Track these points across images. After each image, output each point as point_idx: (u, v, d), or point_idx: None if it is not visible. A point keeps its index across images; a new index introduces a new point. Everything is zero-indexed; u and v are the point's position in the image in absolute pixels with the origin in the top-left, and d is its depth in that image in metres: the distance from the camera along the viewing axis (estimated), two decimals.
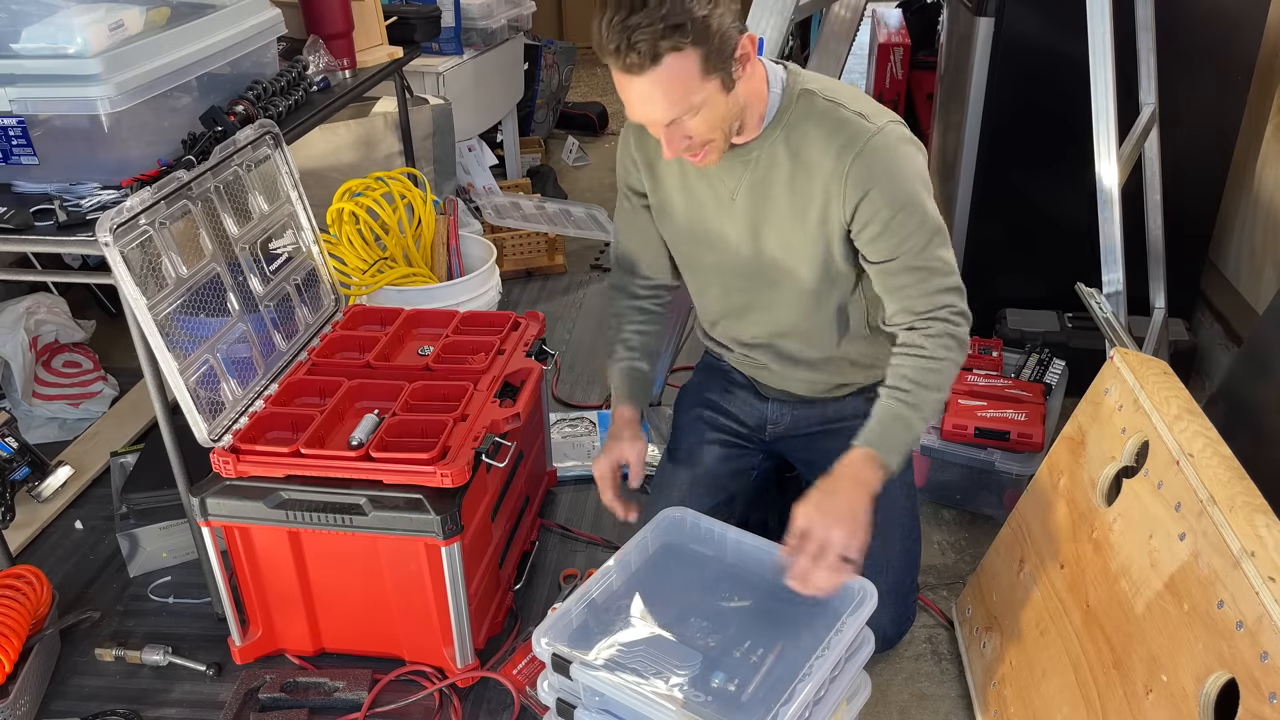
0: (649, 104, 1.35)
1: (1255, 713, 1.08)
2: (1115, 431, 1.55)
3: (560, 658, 1.31)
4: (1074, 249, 2.22)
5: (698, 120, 1.37)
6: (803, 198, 1.49)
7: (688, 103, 1.34)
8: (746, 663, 1.34)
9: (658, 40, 1.27)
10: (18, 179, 1.82)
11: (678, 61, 1.30)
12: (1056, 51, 2.38)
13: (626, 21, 1.27)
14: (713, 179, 1.55)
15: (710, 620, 1.41)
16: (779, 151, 1.49)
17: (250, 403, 1.80)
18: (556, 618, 1.37)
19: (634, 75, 1.31)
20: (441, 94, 3.37)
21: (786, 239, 1.54)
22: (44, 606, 1.81)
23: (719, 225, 1.59)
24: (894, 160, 1.45)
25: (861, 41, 4.86)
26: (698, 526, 1.56)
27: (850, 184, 1.44)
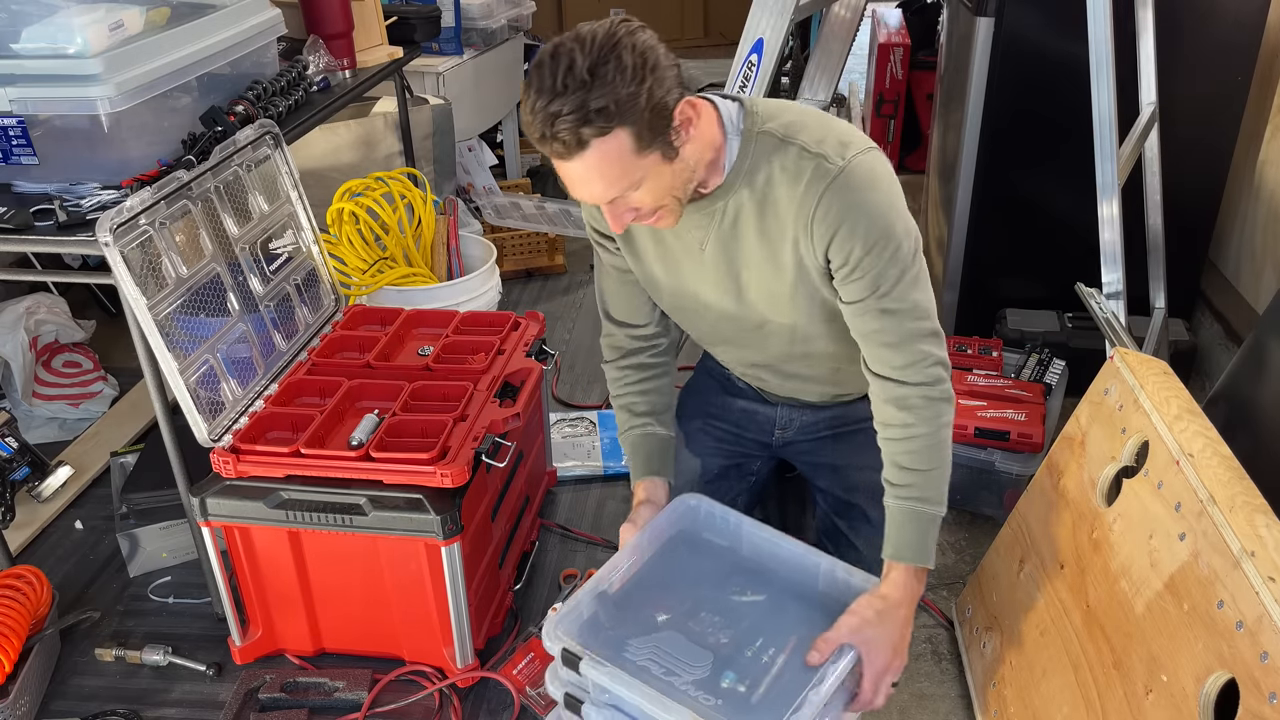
0: (585, 186, 1.29)
1: (1255, 713, 1.08)
2: (1115, 431, 1.55)
3: (570, 653, 1.30)
4: (1074, 249, 2.22)
5: (641, 193, 1.30)
6: (774, 244, 1.42)
7: (626, 181, 1.27)
8: (758, 663, 1.32)
9: (579, 128, 1.20)
10: (18, 179, 1.82)
11: (606, 144, 1.22)
12: (1056, 51, 2.38)
13: (548, 109, 1.20)
14: (681, 232, 1.47)
15: (722, 615, 1.39)
16: (744, 199, 1.41)
17: (250, 403, 1.80)
18: (567, 609, 1.35)
19: (564, 160, 1.25)
20: (441, 94, 3.37)
21: (766, 285, 1.47)
22: (44, 606, 1.81)
23: (694, 275, 1.51)
24: (861, 197, 1.35)
25: (861, 41, 4.85)
26: (713, 515, 1.53)
27: (817, 225, 1.36)
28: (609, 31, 1.22)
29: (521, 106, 1.25)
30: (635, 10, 6.55)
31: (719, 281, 1.50)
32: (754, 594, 1.44)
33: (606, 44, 1.20)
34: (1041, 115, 2.46)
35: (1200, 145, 2.45)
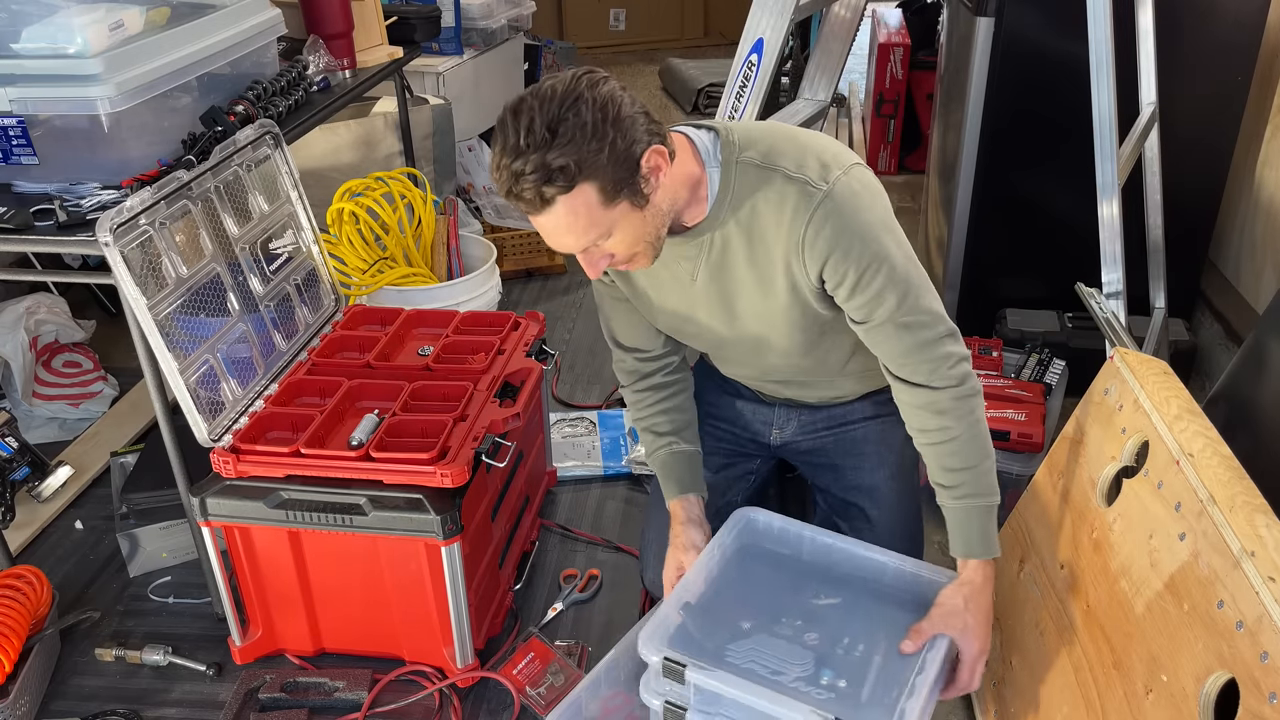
0: (556, 238, 1.29)
1: (1255, 713, 1.08)
2: (1115, 431, 1.55)
3: (673, 662, 1.29)
4: (1074, 249, 2.22)
5: (613, 241, 1.30)
6: (765, 271, 1.42)
7: (595, 232, 1.27)
8: (851, 659, 1.34)
9: (541, 186, 1.21)
10: (18, 179, 1.82)
11: (572, 199, 1.23)
12: (1056, 51, 2.38)
13: (510, 167, 1.20)
14: (670, 264, 1.47)
15: (804, 619, 1.41)
16: (730, 230, 1.41)
17: (250, 403, 1.80)
18: (656, 621, 1.35)
19: (533, 215, 1.26)
20: (441, 94, 3.37)
21: (760, 310, 1.47)
22: (44, 606, 1.81)
23: (689, 306, 1.52)
24: (849, 218, 1.34)
25: (861, 41, 4.85)
26: (771, 526, 1.56)
27: (809, 251, 1.36)
28: (569, 87, 1.22)
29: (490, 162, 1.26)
30: (635, 10, 6.55)
31: (712, 309, 1.51)
32: (829, 597, 1.46)
33: (566, 99, 1.21)
34: (1041, 115, 2.46)
35: (1200, 145, 2.45)
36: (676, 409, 1.67)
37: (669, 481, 1.63)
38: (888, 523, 1.62)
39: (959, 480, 1.43)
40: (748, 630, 1.39)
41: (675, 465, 1.64)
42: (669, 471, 1.63)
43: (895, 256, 1.36)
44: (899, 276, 1.36)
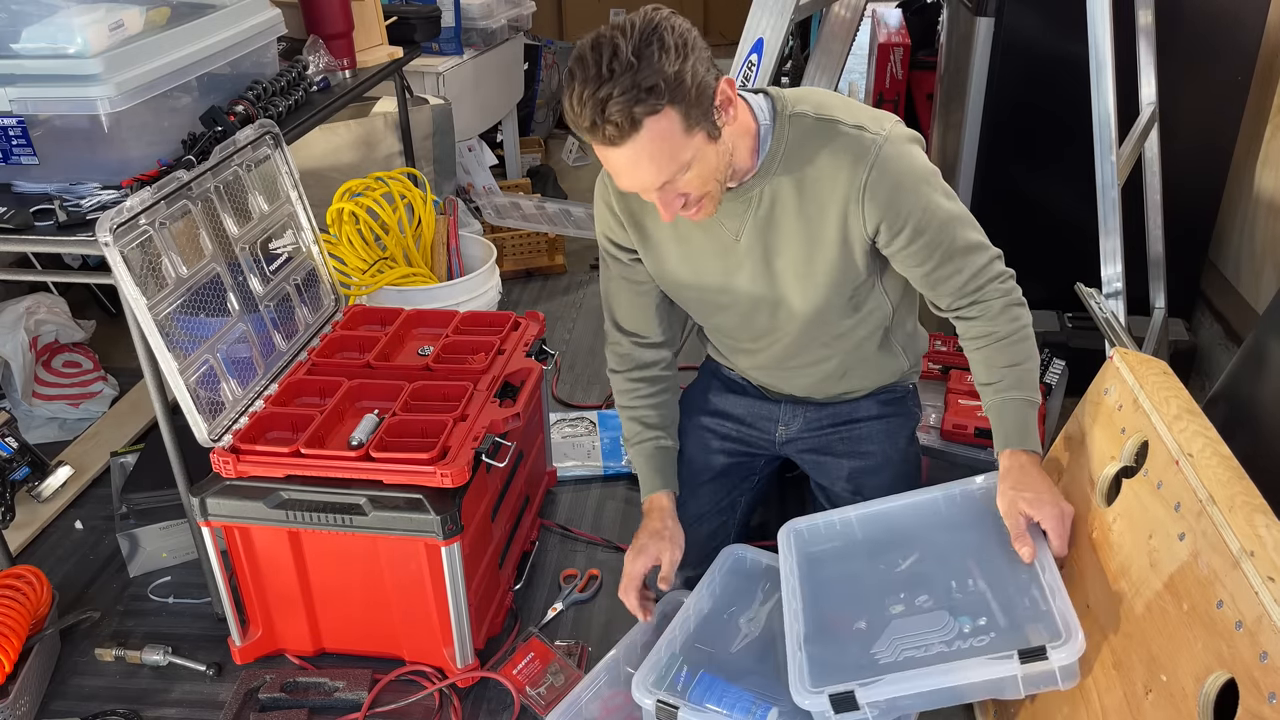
0: (636, 171, 1.30)
1: (1255, 713, 1.08)
2: (1115, 431, 1.55)
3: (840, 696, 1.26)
4: (1074, 249, 2.22)
5: (690, 176, 1.32)
6: (817, 223, 1.45)
7: (677, 163, 1.29)
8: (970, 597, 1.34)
9: (632, 107, 1.22)
10: (18, 179, 1.82)
11: (658, 124, 1.25)
12: (1056, 51, 2.38)
13: (597, 94, 1.22)
14: (711, 225, 1.49)
15: (905, 590, 1.41)
16: (782, 184, 1.44)
17: (250, 403, 1.80)
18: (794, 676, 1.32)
19: (615, 146, 1.27)
20: (441, 94, 3.37)
21: (802, 268, 1.50)
22: (44, 606, 1.81)
23: (724, 271, 1.54)
24: (906, 166, 1.42)
25: (861, 41, 4.84)
26: (816, 527, 1.57)
27: (869, 200, 1.41)
28: (647, 19, 1.26)
29: (566, 102, 1.26)
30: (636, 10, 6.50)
31: (752, 272, 1.53)
32: (907, 558, 1.47)
33: (647, 28, 1.25)
34: (1041, 115, 2.45)
35: (1200, 145, 2.45)
36: (665, 405, 1.69)
37: (653, 474, 1.65)
38: None
39: (1000, 375, 1.49)
40: (868, 629, 1.37)
41: (660, 460, 1.66)
42: (654, 464, 1.66)
43: (944, 199, 1.46)
44: (953, 216, 1.46)
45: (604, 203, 1.59)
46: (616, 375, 1.71)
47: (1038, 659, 1.22)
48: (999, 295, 1.51)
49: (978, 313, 1.51)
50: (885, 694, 1.25)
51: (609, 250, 1.63)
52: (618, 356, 1.70)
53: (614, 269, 1.63)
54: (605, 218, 1.59)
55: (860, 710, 1.26)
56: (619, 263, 1.62)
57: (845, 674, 1.29)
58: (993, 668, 1.23)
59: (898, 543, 1.49)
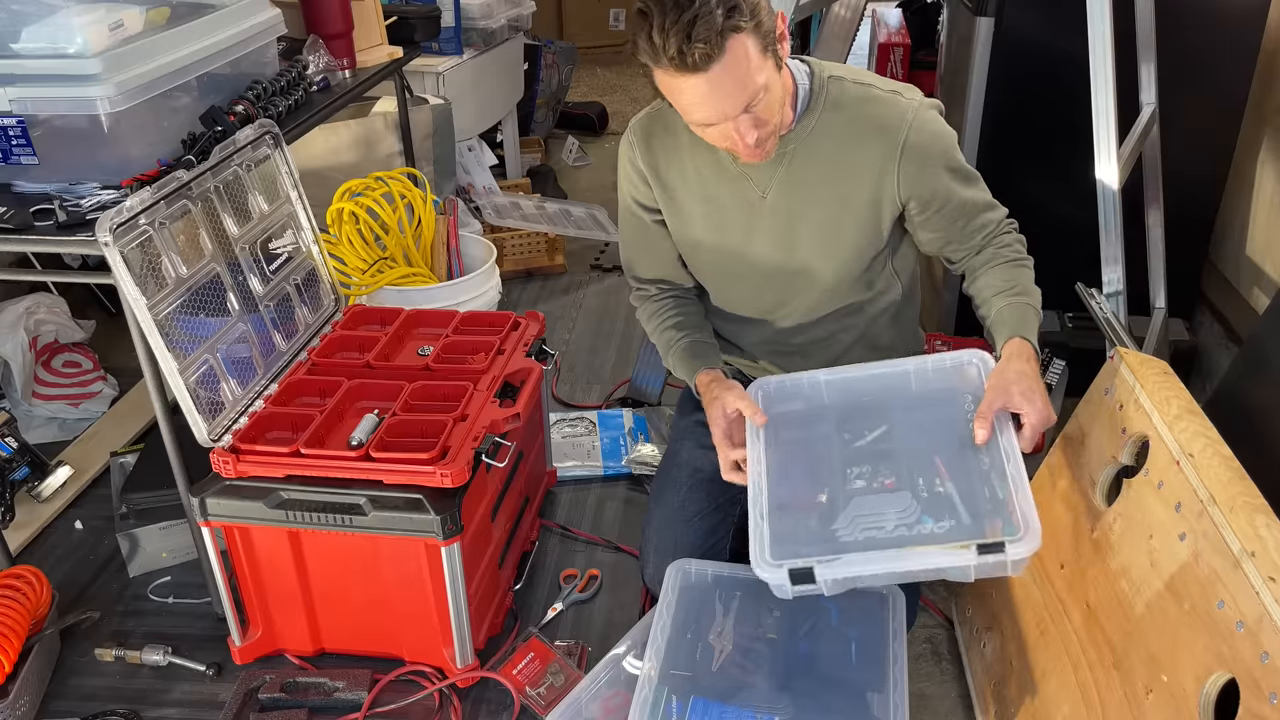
0: (720, 96, 1.32)
1: (1255, 713, 1.08)
2: (1115, 431, 1.55)
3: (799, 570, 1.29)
4: (1074, 249, 2.22)
5: (765, 103, 1.35)
6: (848, 184, 1.49)
7: (756, 83, 1.32)
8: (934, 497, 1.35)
9: (719, 27, 1.25)
10: (18, 179, 1.82)
11: (739, 43, 1.28)
12: (1056, 51, 2.38)
13: (681, 19, 1.24)
14: (738, 180, 1.52)
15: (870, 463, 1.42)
16: (817, 141, 1.48)
17: (250, 403, 1.80)
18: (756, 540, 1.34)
19: (699, 73, 1.28)
20: (441, 94, 3.37)
21: (826, 230, 1.53)
22: (44, 606, 1.81)
23: (746, 228, 1.56)
24: (938, 132, 1.49)
25: (861, 41, 4.85)
26: (784, 385, 1.56)
27: (905, 163, 1.47)
28: None
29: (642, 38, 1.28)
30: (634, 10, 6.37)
31: (772, 232, 1.55)
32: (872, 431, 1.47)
33: None
34: (1041, 115, 2.45)
35: (1200, 145, 2.45)
36: (696, 314, 1.71)
37: (693, 361, 1.64)
38: None
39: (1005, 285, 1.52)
40: (828, 502, 1.38)
41: (697, 350, 1.65)
42: (691, 354, 1.64)
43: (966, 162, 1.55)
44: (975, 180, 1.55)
45: (629, 162, 1.60)
46: (642, 305, 1.73)
47: (995, 552, 1.24)
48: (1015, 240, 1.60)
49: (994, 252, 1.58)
50: (842, 573, 1.29)
51: (632, 210, 1.64)
52: (641, 298, 1.74)
53: (635, 229, 1.66)
54: (630, 176, 1.61)
55: (816, 584, 1.30)
56: (640, 222, 1.64)
57: (805, 547, 1.32)
58: (950, 556, 1.26)
59: (865, 413, 1.49)
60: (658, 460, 2.27)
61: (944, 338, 2.36)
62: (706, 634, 1.52)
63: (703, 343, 1.68)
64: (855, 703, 1.41)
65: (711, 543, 1.73)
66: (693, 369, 1.65)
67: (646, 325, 1.74)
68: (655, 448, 2.35)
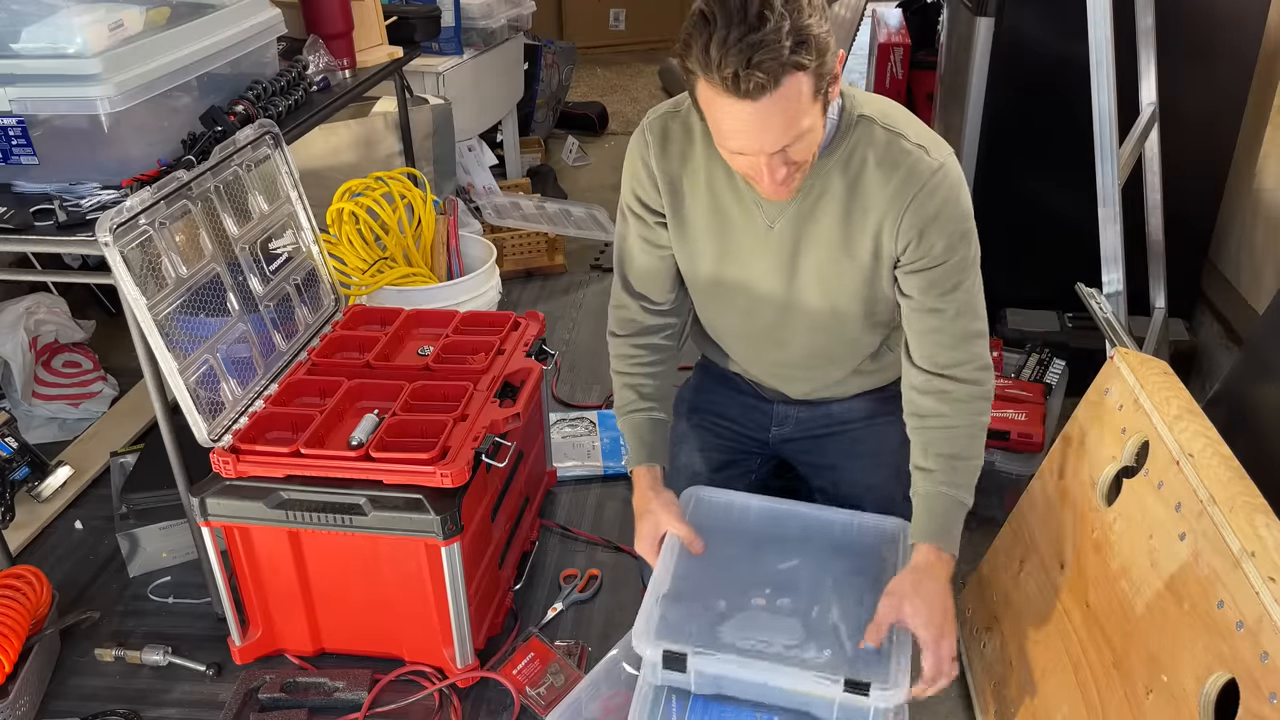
0: (760, 132, 1.24)
1: (1255, 713, 1.08)
2: (1115, 431, 1.55)
3: (673, 653, 1.30)
4: (1074, 249, 2.22)
5: (801, 146, 1.28)
6: (856, 230, 1.43)
7: (799, 127, 1.24)
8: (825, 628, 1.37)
9: (784, 60, 1.16)
10: (18, 179, 1.82)
11: (795, 82, 1.19)
12: (1056, 51, 2.38)
13: (746, 39, 1.15)
14: (748, 205, 1.46)
15: (772, 587, 1.44)
16: (834, 181, 1.41)
17: (250, 403, 1.80)
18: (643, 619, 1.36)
19: (749, 100, 1.20)
20: (441, 94, 3.37)
21: (827, 271, 1.47)
22: (44, 606, 1.81)
23: (749, 253, 1.50)
24: (952, 199, 1.39)
25: (861, 41, 4.86)
26: (716, 502, 1.58)
27: (907, 220, 1.39)
28: None
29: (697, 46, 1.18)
30: (635, 10, 6.55)
31: (775, 262, 1.50)
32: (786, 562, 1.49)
33: None
34: (1041, 115, 2.45)
35: (1200, 145, 2.45)
36: (663, 376, 1.65)
37: (642, 446, 1.60)
38: None
39: (938, 466, 1.44)
40: (725, 609, 1.41)
41: (652, 432, 1.61)
42: (644, 436, 1.61)
43: (974, 246, 1.43)
44: (971, 264, 1.44)
45: (641, 160, 1.52)
46: (617, 339, 1.66)
47: (860, 692, 1.25)
48: (973, 381, 1.45)
49: (944, 386, 1.45)
50: (712, 669, 1.30)
51: (633, 209, 1.57)
52: (621, 320, 1.66)
53: (634, 228, 1.58)
54: (640, 175, 1.53)
55: (686, 674, 1.31)
56: (641, 222, 1.57)
57: (686, 639, 1.34)
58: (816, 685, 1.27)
59: (784, 545, 1.51)
60: None
61: None
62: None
63: (660, 423, 1.62)
64: None
65: None
66: (639, 456, 1.60)
67: (613, 362, 1.67)
68: None
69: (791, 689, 1.29)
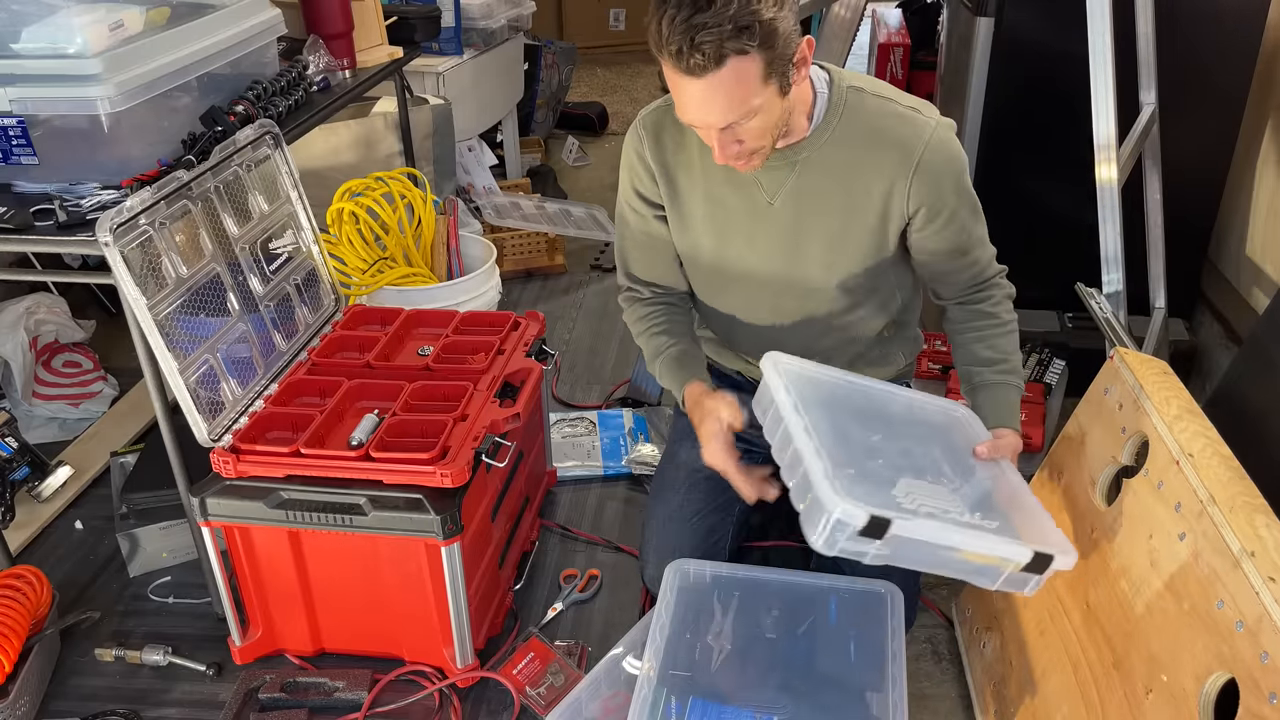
0: (706, 107, 1.30)
1: (1255, 713, 1.08)
2: (1115, 431, 1.55)
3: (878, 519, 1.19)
4: (1074, 249, 2.22)
5: (753, 124, 1.32)
6: (860, 196, 1.47)
7: (747, 106, 1.29)
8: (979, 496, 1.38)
9: (723, 42, 1.21)
10: (18, 179, 1.82)
11: (741, 65, 1.24)
12: (1056, 51, 2.38)
13: (691, 20, 1.21)
14: (746, 184, 1.49)
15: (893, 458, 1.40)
16: (831, 152, 1.45)
17: (250, 403, 1.80)
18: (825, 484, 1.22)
19: (694, 77, 1.26)
20: (441, 94, 3.37)
21: (831, 240, 1.51)
22: (44, 606, 1.81)
23: (749, 233, 1.53)
24: (954, 154, 1.48)
25: (861, 41, 4.85)
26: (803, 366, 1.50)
27: (917, 180, 1.44)
28: None
29: (654, 21, 1.25)
30: (635, 10, 6.54)
31: (777, 240, 1.52)
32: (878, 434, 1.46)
33: None
34: (1041, 115, 2.46)
35: (1200, 145, 2.45)
36: (681, 322, 1.70)
37: (680, 371, 1.62)
38: None
39: (1005, 356, 1.56)
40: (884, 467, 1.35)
41: (683, 359, 1.64)
42: (679, 364, 1.62)
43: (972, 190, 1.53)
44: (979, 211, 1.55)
45: (635, 153, 1.57)
46: (632, 307, 1.70)
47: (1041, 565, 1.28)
48: (1002, 288, 1.61)
49: (983, 298, 1.59)
50: (916, 533, 1.22)
51: (632, 204, 1.61)
52: (631, 300, 1.71)
53: (634, 225, 1.62)
54: (635, 168, 1.57)
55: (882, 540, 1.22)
56: (640, 217, 1.60)
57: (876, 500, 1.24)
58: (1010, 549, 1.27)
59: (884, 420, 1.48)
60: (658, 460, 2.27)
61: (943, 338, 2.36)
62: (705, 634, 1.52)
63: (691, 353, 1.65)
64: (854, 702, 1.41)
65: (711, 543, 1.72)
66: (680, 380, 1.63)
67: (633, 327, 1.72)
68: (655, 448, 2.35)
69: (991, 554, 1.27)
